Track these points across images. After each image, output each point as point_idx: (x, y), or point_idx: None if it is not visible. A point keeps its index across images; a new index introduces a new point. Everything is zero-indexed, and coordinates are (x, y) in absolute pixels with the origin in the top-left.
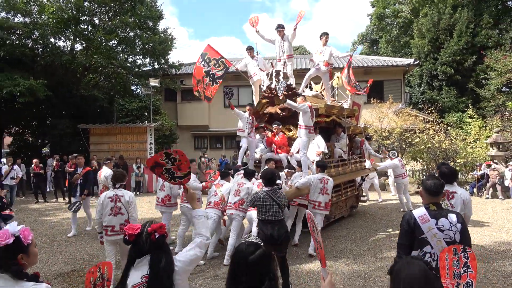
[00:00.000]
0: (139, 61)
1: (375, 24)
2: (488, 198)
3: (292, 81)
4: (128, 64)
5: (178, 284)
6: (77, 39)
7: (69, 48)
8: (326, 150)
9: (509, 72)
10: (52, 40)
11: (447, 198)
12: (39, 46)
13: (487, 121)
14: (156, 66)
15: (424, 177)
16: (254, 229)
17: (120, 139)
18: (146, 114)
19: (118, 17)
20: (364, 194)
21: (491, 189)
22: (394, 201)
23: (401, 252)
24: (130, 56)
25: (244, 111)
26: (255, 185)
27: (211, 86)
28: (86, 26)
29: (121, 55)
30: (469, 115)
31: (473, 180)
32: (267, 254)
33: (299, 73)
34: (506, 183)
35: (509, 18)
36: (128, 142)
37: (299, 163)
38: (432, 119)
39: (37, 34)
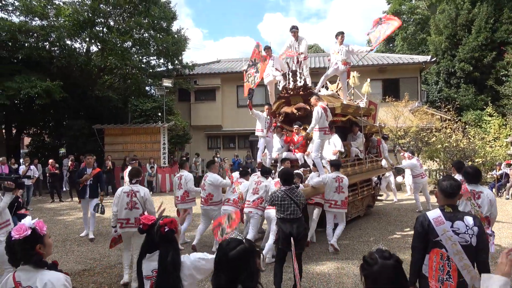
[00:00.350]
0: (153, 62)
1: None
2: (508, 198)
3: (308, 81)
4: (142, 65)
5: (185, 286)
6: (93, 41)
7: (84, 50)
8: (342, 149)
9: None
10: (68, 42)
11: (473, 198)
12: (55, 48)
13: (507, 119)
14: (170, 66)
15: (441, 177)
16: (274, 228)
17: (134, 139)
18: (159, 114)
19: (133, 19)
20: (381, 193)
21: (511, 189)
22: (410, 201)
23: (415, 255)
24: (144, 57)
25: (262, 111)
26: (272, 184)
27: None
28: (101, 28)
29: (135, 56)
30: (488, 113)
31: (492, 180)
32: (248, 250)
33: (313, 72)
34: None
35: None
36: (142, 142)
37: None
38: (449, 118)
39: (54, 36)
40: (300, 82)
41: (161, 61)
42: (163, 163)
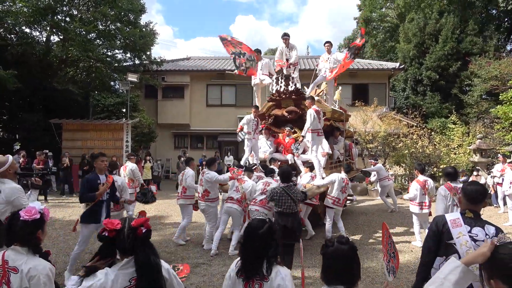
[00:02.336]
0: (119, 56)
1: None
2: None
3: (299, 85)
4: (107, 59)
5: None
6: (54, 30)
7: (44, 39)
8: (330, 151)
9: (493, 79)
10: (26, 30)
11: (456, 193)
12: (12, 36)
13: (470, 128)
14: (137, 61)
15: (406, 181)
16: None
17: (95, 135)
18: (124, 110)
19: (98, 9)
20: (351, 193)
21: None
22: (377, 201)
23: (425, 256)
24: (109, 50)
25: (249, 113)
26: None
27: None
28: (63, 17)
29: (99, 48)
30: (452, 121)
31: None
32: (273, 228)
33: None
34: (489, 190)
35: (493, 25)
36: (103, 139)
37: (305, 163)
38: (415, 124)
39: (10, 22)
40: (292, 86)
41: (128, 55)
42: (126, 162)
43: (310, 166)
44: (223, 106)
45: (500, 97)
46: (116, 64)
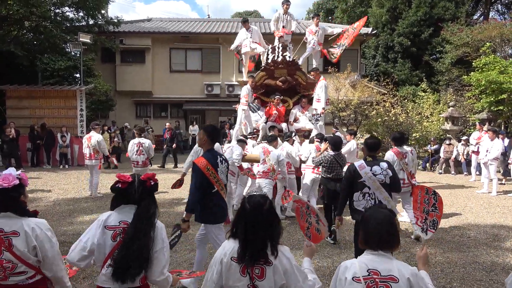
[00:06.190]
0: (70, 15)
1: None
2: (440, 173)
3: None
4: (57, 18)
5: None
6: None
7: None
8: None
9: (465, 45)
10: None
11: (402, 157)
12: None
13: (441, 95)
14: (91, 21)
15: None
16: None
17: (44, 103)
18: (78, 76)
19: None
20: None
21: (444, 164)
22: None
23: (343, 194)
24: (58, 7)
25: (245, 83)
26: (261, 150)
27: None
28: None
29: (46, 4)
30: (422, 89)
31: (427, 155)
32: (272, 203)
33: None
34: (459, 158)
35: None
36: (54, 107)
37: (300, 132)
38: (386, 92)
39: None
40: (289, 56)
41: (81, 14)
42: (81, 132)
43: (306, 135)
44: (188, 72)
45: (473, 63)
46: (67, 24)
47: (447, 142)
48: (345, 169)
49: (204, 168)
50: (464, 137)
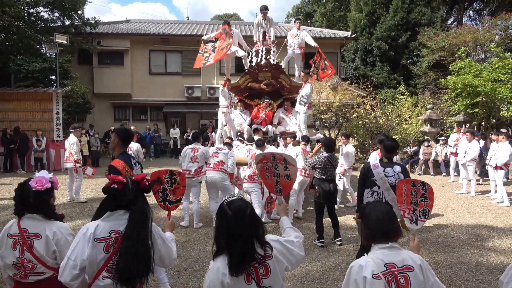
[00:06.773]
0: (45, 15)
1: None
2: (420, 174)
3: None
4: (31, 18)
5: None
6: None
7: None
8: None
9: (441, 50)
10: None
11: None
12: None
13: (418, 98)
14: (67, 22)
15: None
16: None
17: (18, 106)
18: (53, 78)
19: None
20: None
21: (423, 165)
22: None
23: (359, 188)
24: (32, 7)
25: (225, 86)
26: (253, 152)
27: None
28: None
29: (19, 4)
30: (400, 92)
31: (406, 156)
32: (253, 207)
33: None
34: (438, 159)
35: None
36: (29, 110)
37: (286, 134)
38: (366, 95)
39: None
40: (273, 60)
41: (56, 14)
42: (57, 136)
43: (293, 137)
44: (168, 74)
45: (450, 67)
46: (42, 25)
47: (426, 144)
48: (337, 170)
49: (122, 169)
50: (442, 138)
